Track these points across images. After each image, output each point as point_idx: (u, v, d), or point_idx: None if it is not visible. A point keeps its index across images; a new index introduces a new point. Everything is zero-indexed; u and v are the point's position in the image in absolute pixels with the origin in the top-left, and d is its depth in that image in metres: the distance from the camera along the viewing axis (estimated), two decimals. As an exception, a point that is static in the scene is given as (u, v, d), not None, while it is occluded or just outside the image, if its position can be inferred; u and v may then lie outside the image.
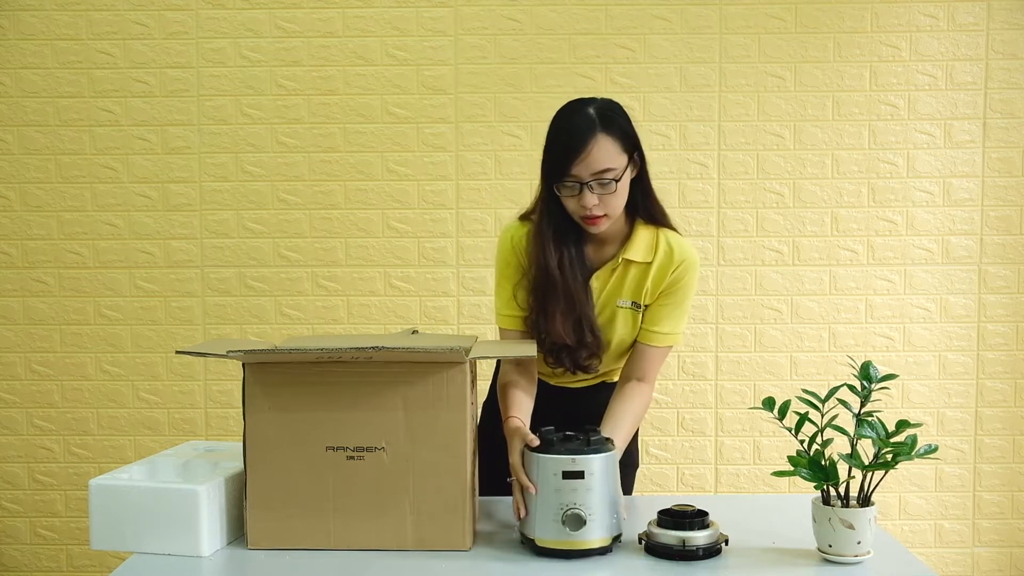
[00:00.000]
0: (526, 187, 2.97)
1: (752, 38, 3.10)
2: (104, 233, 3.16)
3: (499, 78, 3.11)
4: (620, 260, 1.87)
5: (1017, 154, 3.12)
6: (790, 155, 3.12)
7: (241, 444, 1.66)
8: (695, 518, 1.59)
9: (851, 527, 1.52)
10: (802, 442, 1.58)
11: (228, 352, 1.57)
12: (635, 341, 1.95)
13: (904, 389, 3.15)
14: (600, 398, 1.97)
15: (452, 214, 3.13)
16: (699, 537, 1.56)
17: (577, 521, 1.54)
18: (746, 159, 3.12)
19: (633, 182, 1.85)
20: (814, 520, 1.57)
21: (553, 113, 1.84)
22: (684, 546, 1.56)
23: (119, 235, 3.16)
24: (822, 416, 1.57)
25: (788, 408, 1.58)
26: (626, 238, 1.89)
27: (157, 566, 1.56)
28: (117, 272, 3.17)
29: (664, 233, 1.90)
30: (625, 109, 1.84)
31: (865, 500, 1.55)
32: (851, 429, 1.56)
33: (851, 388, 1.58)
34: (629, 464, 2.02)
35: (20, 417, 3.20)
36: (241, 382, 1.65)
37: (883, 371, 1.58)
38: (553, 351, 1.89)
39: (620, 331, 1.91)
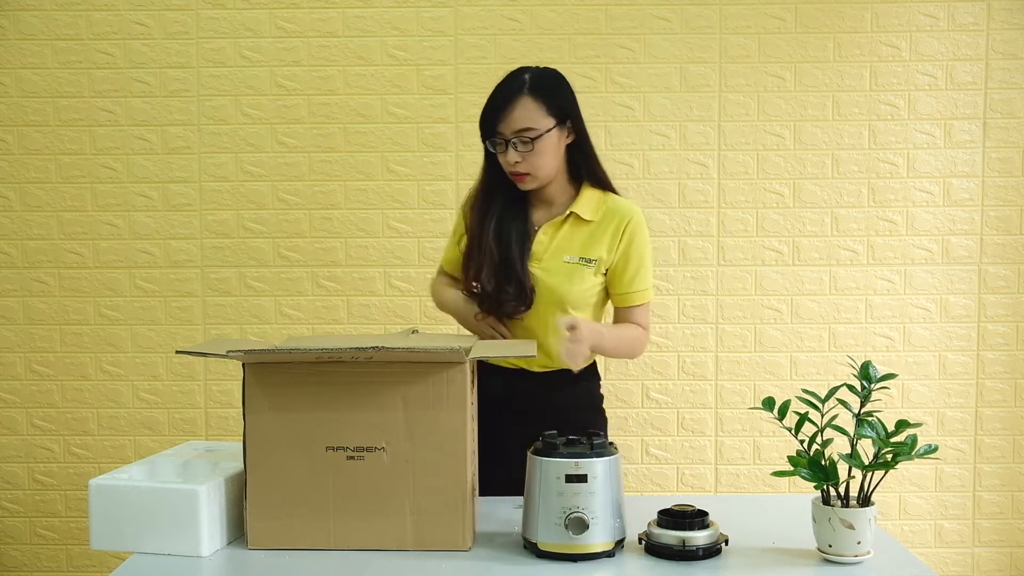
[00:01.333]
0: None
1: (752, 38, 3.10)
2: (104, 233, 3.16)
3: (499, 78, 3.09)
4: (568, 213, 2.05)
5: (1017, 154, 3.12)
6: (790, 155, 3.12)
7: (241, 444, 1.66)
8: (695, 518, 1.59)
9: (851, 527, 1.52)
10: (802, 442, 1.58)
11: (228, 352, 1.57)
12: (617, 310, 2.11)
13: (904, 389, 3.15)
14: (563, 387, 2.06)
15: (452, 214, 3.13)
16: (699, 537, 1.56)
17: (580, 525, 1.54)
18: (746, 159, 3.12)
19: (573, 147, 2.04)
20: (814, 520, 1.57)
21: None
22: (684, 546, 1.56)
23: (119, 235, 3.16)
24: (822, 416, 1.57)
25: (788, 408, 1.59)
26: (573, 198, 2.07)
27: (157, 566, 1.56)
28: (117, 272, 3.17)
29: (609, 196, 2.08)
30: (566, 79, 2.06)
31: (865, 500, 1.55)
32: (851, 429, 1.56)
33: (851, 388, 1.59)
34: (596, 408, 2.18)
35: (20, 417, 3.20)
36: (241, 382, 1.65)
37: (883, 371, 1.58)
38: (478, 297, 2.07)
39: (564, 285, 2.03)
